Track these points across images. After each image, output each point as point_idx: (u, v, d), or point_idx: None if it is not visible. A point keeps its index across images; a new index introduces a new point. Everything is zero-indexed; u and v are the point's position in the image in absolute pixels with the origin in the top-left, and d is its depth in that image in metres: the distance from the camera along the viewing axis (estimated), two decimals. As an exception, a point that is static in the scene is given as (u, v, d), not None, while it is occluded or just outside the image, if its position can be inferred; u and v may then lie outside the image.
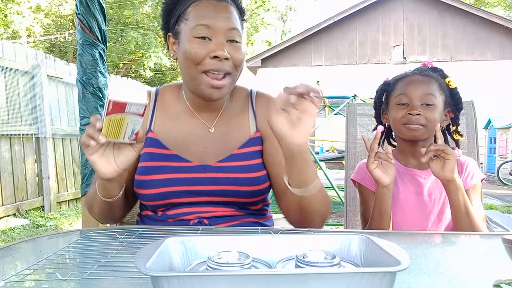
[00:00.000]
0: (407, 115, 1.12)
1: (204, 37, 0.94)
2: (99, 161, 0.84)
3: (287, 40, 12.60)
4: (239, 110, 1.09)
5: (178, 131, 1.05)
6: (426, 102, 1.12)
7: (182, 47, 0.97)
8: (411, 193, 1.19)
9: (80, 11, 2.23)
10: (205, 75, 0.95)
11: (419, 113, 1.11)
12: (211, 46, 0.94)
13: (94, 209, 1.02)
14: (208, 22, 0.94)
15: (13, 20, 13.04)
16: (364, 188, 1.23)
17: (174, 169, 1.00)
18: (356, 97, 5.11)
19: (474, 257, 0.79)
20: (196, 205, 1.02)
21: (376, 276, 0.46)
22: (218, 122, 1.06)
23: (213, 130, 1.05)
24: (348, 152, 1.70)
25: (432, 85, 1.14)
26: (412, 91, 1.13)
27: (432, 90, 1.13)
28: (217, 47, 0.93)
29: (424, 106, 1.12)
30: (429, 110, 1.12)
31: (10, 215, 4.38)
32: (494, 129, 8.68)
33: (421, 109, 1.11)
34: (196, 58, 0.94)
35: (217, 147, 1.04)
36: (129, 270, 0.65)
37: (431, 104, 1.12)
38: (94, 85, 2.27)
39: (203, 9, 0.96)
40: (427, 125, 1.12)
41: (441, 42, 11.59)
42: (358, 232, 0.64)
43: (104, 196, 0.94)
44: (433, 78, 1.16)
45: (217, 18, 0.94)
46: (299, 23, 32.11)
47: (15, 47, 4.77)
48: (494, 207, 5.26)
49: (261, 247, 0.60)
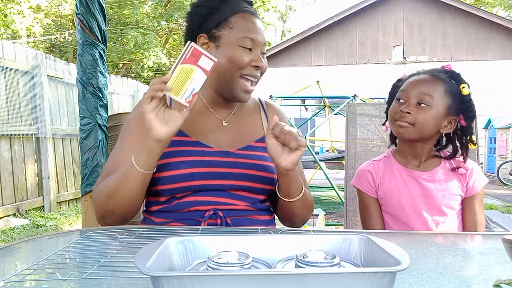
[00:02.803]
0: (399, 111, 1.11)
1: (249, 48, 1.08)
2: (155, 118, 0.90)
3: (287, 40, 12.59)
4: (252, 111, 1.23)
5: (195, 122, 1.13)
6: (420, 101, 1.10)
7: (224, 52, 1.08)
8: (412, 194, 1.17)
9: (80, 11, 2.23)
10: (241, 80, 1.09)
11: (409, 111, 1.10)
12: (253, 56, 1.09)
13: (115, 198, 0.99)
14: (253, 37, 1.08)
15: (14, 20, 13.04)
16: (365, 195, 1.23)
17: (198, 152, 1.07)
18: (356, 97, 5.11)
19: (474, 257, 0.79)
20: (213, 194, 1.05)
21: (376, 276, 0.46)
22: (231, 118, 1.18)
23: (227, 124, 1.16)
24: (348, 152, 1.70)
25: (434, 86, 1.11)
26: (410, 88, 1.12)
27: (431, 91, 1.10)
28: (258, 58, 1.09)
29: (418, 105, 1.10)
30: (421, 109, 1.09)
31: (10, 215, 4.38)
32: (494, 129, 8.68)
33: (413, 108, 1.10)
34: (241, 64, 1.07)
35: (233, 137, 1.14)
36: (129, 270, 0.65)
37: (426, 105, 1.09)
38: (94, 85, 2.27)
39: (248, 23, 1.10)
40: (415, 125, 1.10)
41: (441, 42, 11.59)
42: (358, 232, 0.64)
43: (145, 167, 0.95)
44: (440, 80, 1.12)
45: (258, 33, 1.10)
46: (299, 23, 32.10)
47: (15, 47, 4.77)
48: (494, 207, 5.26)
49: (261, 247, 0.60)
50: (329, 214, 4.64)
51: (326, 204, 5.14)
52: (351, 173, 1.67)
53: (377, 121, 1.73)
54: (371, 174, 1.23)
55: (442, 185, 1.15)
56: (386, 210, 1.22)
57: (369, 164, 1.26)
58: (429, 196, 1.16)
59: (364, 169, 1.25)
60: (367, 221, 1.23)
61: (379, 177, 1.21)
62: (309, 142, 5.52)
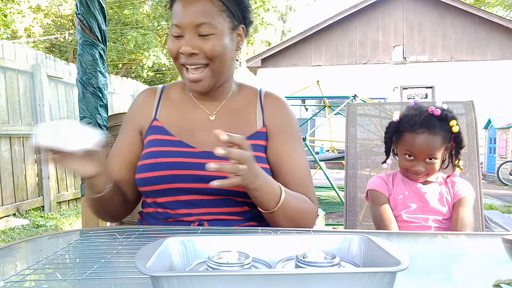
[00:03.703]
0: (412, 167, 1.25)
1: (178, 36, 1.00)
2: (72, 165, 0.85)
3: (287, 40, 12.58)
4: (246, 105, 1.12)
5: (181, 119, 1.09)
6: (429, 157, 1.23)
7: None
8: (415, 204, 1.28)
9: (80, 11, 2.23)
10: (185, 69, 1.02)
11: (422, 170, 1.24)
12: (182, 42, 1.00)
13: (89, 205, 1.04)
14: (178, 22, 0.99)
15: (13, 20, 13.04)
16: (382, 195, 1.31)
17: (178, 153, 1.02)
18: (356, 97, 5.10)
19: (474, 257, 0.79)
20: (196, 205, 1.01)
21: (376, 276, 0.46)
22: (220, 111, 1.10)
23: (214, 118, 1.09)
24: (348, 152, 1.70)
25: (436, 142, 1.22)
26: (417, 151, 1.23)
27: (436, 148, 1.22)
28: (184, 43, 0.99)
29: (427, 160, 1.24)
30: (431, 163, 1.24)
31: (10, 215, 4.38)
32: (494, 129, 8.67)
33: (424, 164, 1.24)
34: (172, 54, 1.02)
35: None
36: (129, 270, 0.65)
37: (434, 159, 1.23)
38: (94, 85, 2.27)
39: (175, 8, 1.01)
40: (429, 173, 1.27)
41: (441, 42, 11.58)
42: (358, 232, 0.64)
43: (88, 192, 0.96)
44: (438, 134, 1.22)
45: (184, 15, 0.99)
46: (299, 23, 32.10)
47: (15, 47, 4.78)
48: (494, 207, 5.26)
49: (261, 247, 0.60)
50: (329, 214, 4.64)
51: (326, 204, 5.14)
52: (351, 173, 1.67)
53: (377, 121, 1.73)
54: (385, 181, 1.34)
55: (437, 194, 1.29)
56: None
57: (380, 175, 1.37)
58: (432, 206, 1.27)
59: (377, 177, 1.36)
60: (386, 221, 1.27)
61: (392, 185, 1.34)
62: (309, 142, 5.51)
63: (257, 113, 1.11)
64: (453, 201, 1.29)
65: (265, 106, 1.12)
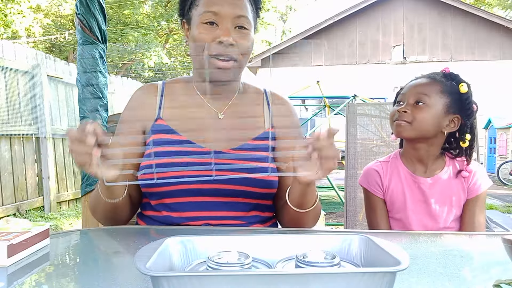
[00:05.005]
0: (397, 111, 1.15)
1: (212, 23, 0.95)
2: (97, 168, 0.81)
3: (287, 40, 12.60)
4: (253, 104, 1.11)
5: (188, 117, 1.05)
6: (417, 101, 1.13)
7: (191, 33, 1.00)
8: (418, 200, 1.18)
9: (80, 11, 2.23)
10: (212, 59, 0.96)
11: (406, 110, 1.13)
12: (218, 31, 0.95)
13: (97, 212, 1.01)
14: (216, 9, 0.95)
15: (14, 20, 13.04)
16: (372, 195, 1.23)
17: (185, 153, 0.99)
18: (356, 97, 5.10)
19: (474, 257, 0.79)
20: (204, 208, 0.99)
21: (376, 276, 0.46)
22: (229, 110, 1.07)
23: (223, 116, 1.06)
24: (348, 152, 1.70)
25: (430, 86, 1.14)
26: (408, 91, 1.16)
27: (428, 91, 1.13)
28: (223, 32, 0.94)
29: (415, 104, 1.14)
30: (418, 108, 1.13)
31: (10, 215, 4.37)
32: (494, 129, 8.68)
33: (410, 107, 1.13)
34: (203, 42, 0.95)
35: (228, 134, 1.03)
36: (129, 270, 0.65)
37: (423, 103, 1.12)
38: (94, 85, 2.27)
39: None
40: (413, 123, 1.12)
41: (441, 42, 11.59)
42: (358, 232, 0.64)
43: (107, 197, 0.92)
44: (437, 81, 1.15)
45: (225, 5, 0.95)
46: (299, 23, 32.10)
47: (15, 47, 4.77)
48: (494, 207, 5.26)
49: (261, 247, 0.60)
50: (329, 214, 4.64)
51: (326, 204, 5.14)
52: (351, 173, 1.67)
53: (377, 121, 1.73)
54: (379, 175, 1.22)
55: (444, 194, 1.16)
56: (389, 212, 1.23)
57: (377, 164, 1.25)
58: (429, 204, 1.17)
59: (371, 169, 1.25)
60: (373, 221, 1.23)
61: (387, 179, 1.22)
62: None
63: (265, 112, 1.10)
64: (467, 196, 1.16)
65: (272, 107, 1.11)
